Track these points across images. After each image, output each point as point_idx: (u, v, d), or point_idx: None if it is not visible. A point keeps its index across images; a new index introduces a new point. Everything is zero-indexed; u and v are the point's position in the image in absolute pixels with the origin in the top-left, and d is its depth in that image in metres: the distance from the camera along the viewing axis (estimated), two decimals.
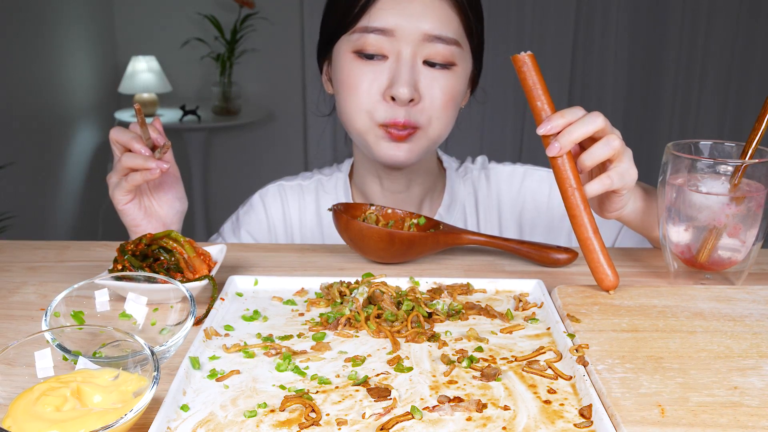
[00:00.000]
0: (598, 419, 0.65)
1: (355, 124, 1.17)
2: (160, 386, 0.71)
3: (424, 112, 1.15)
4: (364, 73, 1.14)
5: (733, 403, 0.67)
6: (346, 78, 1.16)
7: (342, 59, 1.17)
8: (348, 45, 1.15)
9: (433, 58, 1.14)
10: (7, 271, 1.05)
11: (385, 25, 1.12)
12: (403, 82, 1.11)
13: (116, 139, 1.07)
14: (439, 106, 1.15)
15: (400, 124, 1.13)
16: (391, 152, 1.16)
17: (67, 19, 3.66)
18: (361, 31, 1.13)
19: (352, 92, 1.15)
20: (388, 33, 1.12)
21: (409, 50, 1.12)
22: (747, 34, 4.18)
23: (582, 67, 4.27)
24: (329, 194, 1.36)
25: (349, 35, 1.15)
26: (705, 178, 0.93)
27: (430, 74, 1.14)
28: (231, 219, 1.38)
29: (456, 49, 1.14)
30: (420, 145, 1.17)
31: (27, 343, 0.68)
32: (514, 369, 0.75)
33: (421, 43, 1.12)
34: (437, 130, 1.18)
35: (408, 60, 1.12)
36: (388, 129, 1.15)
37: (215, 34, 4.01)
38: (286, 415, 0.66)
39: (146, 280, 0.83)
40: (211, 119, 4.02)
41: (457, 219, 1.34)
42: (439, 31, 1.12)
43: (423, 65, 1.14)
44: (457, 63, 1.16)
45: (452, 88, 1.16)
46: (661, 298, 0.91)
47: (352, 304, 0.87)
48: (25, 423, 0.60)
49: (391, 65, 1.13)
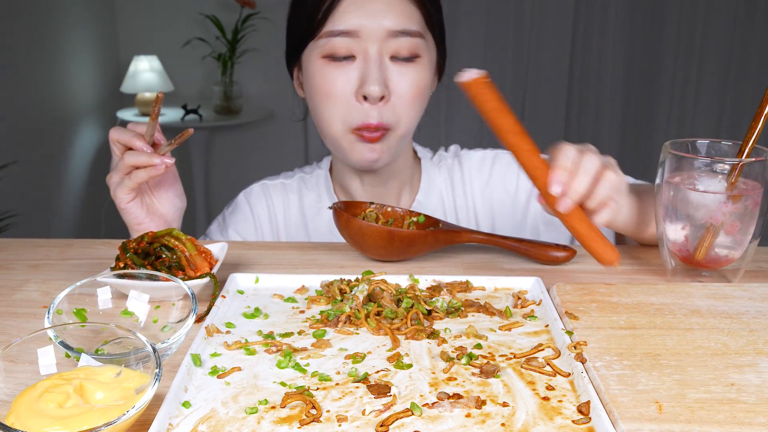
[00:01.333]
0: (596, 415, 0.65)
1: (330, 129, 1.21)
2: (162, 383, 0.71)
3: (394, 110, 1.18)
4: (335, 77, 1.17)
5: (730, 400, 0.68)
6: (319, 83, 1.18)
7: (312, 65, 1.19)
8: (317, 51, 1.18)
9: (399, 53, 1.16)
10: (10, 269, 1.05)
11: (349, 27, 1.14)
12: (373, 80, 1.14)
13: (117, 138, 1.08)
14: (408, 101, 1.18)
15: (373, 126, 1.17)
16: (366, 155, 1.20)
17: (70, 20, 3.67)
18: (327, 36, 1.16)
19: (326, 98, 1.18)
20: (353, 34, 1.14)
21: (375, 48, 1.15)
22: (744, 34, 4.19)
23: (580, 67, 4.27)
24: (311, 191, 1.38)
25: (316, 41, 1.17)
26: (702, 177, 0.93)
27: (398, 69, 1.17)
28: (217, 220, 1.41)
29: (420, 41, 1.17)
30: (391, 145, 1.21)
31: (30, 340, 0.68)
32: (513, 366, 0.75)
33: (386, 40, 1.15)
34: (406, 126, 1.21)
35: (375, 58, 1.15)
36: (361, 132, 1.18)
37: (217, 33, 4.02)
38: (286, 411, 0.67)
39: (148, 277, 0.83)
40: (212, 118, 4.03)
41: (436, 206, 1.36)
42: (402, 26, 1.15)
43: (390, 61, 1.17)
44: (422, 54, 1.19)
45: (419, 81, 1.19)
46: (659, 295, 0.91)
47: (353, 302, 0.87)
48: (27, 420, 0.60)
49: (359, 65, 1.16)
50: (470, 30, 4.18)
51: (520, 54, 4.26)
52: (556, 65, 4.25)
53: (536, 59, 4.26)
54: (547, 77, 4.28)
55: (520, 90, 4.30)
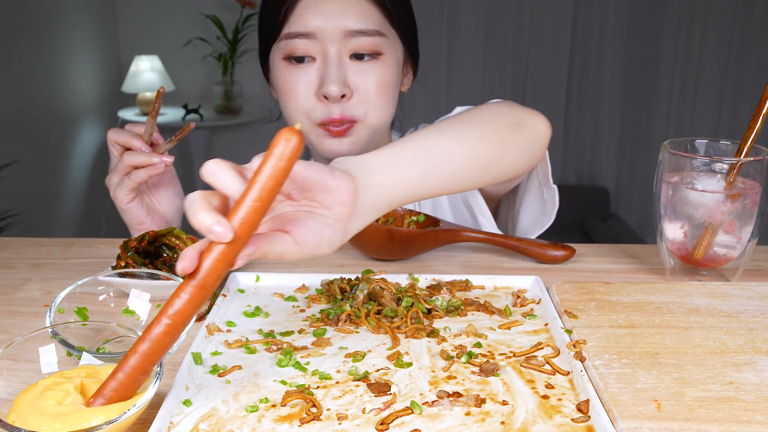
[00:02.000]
0: (595, 414, 0.65)
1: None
2: (163, 382, 0.71)
3: (359, 105, 1.17)
4: (296, 78, 1.17)
5: (729, 398, 0.68)
6: (282, 84, 1.19)
7: (276, 67, 1.20)
8: (278, 53, 1.19)
9: (359, 51, 1.16)
10: (12, 268, 1.05)
11: (306, 29, 1.14)
12: (332, 80, 1.14)
13: (115, 139, 1.08)
14: (374, 96, 1.18)
15: (337, 120, 1.16)
16: (335, 148, 1.19)
17: (71, 20, 3.68)
18: (286, 38, 1.16)
19: (289, 97, 1.19)
20: (311, 36, 1.15)
21: (334, 49, 1.15)
22: (742, 34, 4.20)
23: (579, 67, 4.29)
24: None
25: (278, 43, 1.18)
26: (701, 176, 0.94)
27: (359, 67, 1.17)
28: None
29: (380, 38, 1.17)
30: (361, 137, 1.20)
31: (31, 338, 0.69)
32: (513, 364, 0.76)
33: (344, 40, 1.15)
34: (376, 118, 1.20)
35: (334, 58, 1.15)
36: (327, 127, 1.18)
37: (217, 33, 4.03)
38: (287, 410, 0.67)
39: (149, 276, 0.84)
40: (213, 118, 4.05)
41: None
42: (359, 25, 1.15)
43: (350, 60, 1.16)
44: (384, 52, 1.18)
45: (383, 77, 1.18)
46: (658, 294, 0.91)
47: (353, 301, 0.88)
48: (29, 418, 0.60)
49: (319, 66, 1.16)
50: (470, 31, 4.18)
51: (519, 54, 4.27)
52: (556, 66, 4.26)
53: (535, 60, 4.27)
54: (547, 78, 4.29)
55: (519, 90, 4.31)
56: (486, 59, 4.25)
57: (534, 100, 4.30)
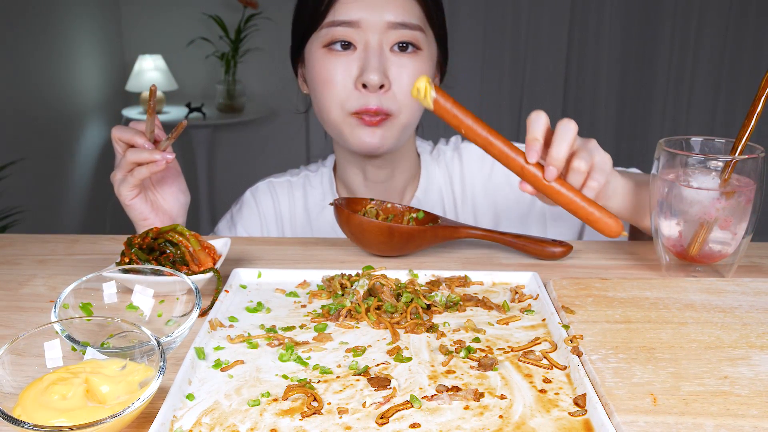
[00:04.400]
0: (592, 408, 0.66)
1: (330, 115, 1.21)
2: (166, 376, 0.72)
3: (395, 99, 1.18)
4: (335, 66, 1.18)
5: (724, 392, 0.68)
6: (319, 72, 1.20)
7: (314, 56, 1.21)
8: (318, 41, 1.19)
9: (400, 40, 1.17)
10: (17, 264, 1.06)
11: (350, 18, 1.16)
12: (373, 69, 1.15)
13: (119, 136, 1.08)
14: (408, 92, 1.18)
15: (372, 110, 1.17)
16: (366, 138, 1.20)
17: (76, 20, 3.68)
18: (328, 26, 1.17)
19: (326, 85, 1.19)
20: (354, 25, 1.16)
21: (376, 38, 1.16)
22: (737, 33, 4.22)
23: (576, 66, 4.30)
24: (315, 189, 1.39)
25: (318, 32, 1.19)
26: (696, 174, 0.95)
27: (398, 60, 1.18)
28: (225, 218, 1.41)
29: (420, 34, 1.19)
30: (392, 132, 1.21)
31: (37, 334, 0.69)
32: (511, 359, 0.76)
33: (386, 31, 1.16)
34: (407, 116, 1.21)
35: (375, 48, 1.16)
36: (361, 116, 1.18)
37: (220, 33, 4.05)
38: (288, 404, 0.68)
39: (153, 272, 0.84)
40: (215, 116, 4.06)
41: (435, 203, 1.36)
42: (402, 18, 1.16)
43: (390, 52, 1.18)
44: (422, 47, 1.20)
45: (420, 73, 1.19)
46: (653, 290, 0.92)
47: (353, 296, 0.88)
48: (34, 412, 0.60)
49: (360, 54, 1.17)
50: (468, 31, 4.19)
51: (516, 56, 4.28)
52: (552, 67, 4.29)
53: (533, 61, 4.29)
54: (544, 78, 4.31)
55: (517, 90, 4.32)
56: (484, 60, 4.26)
57: (531, 100, 4.32)
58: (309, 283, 0.97)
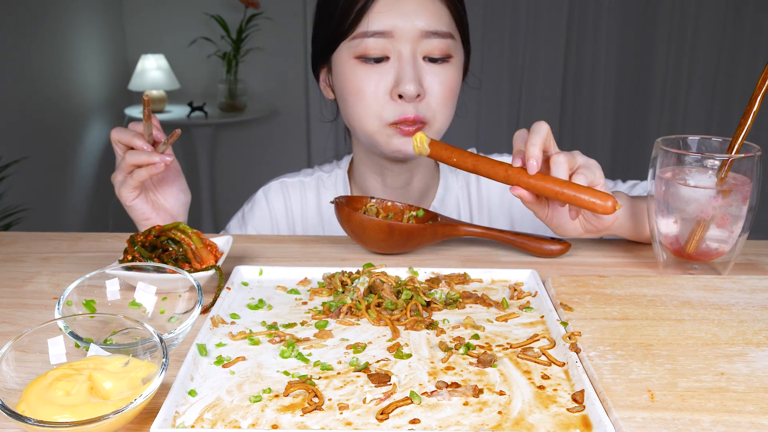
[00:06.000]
0: (590, 404, 0.66)
1: (366, 127, 1.20)
2: (169, 372, 0.73)
3: (429, 107, 1.18)
4: (369, 77, 1.17)
5: (720, 389, 0.69)
6: (351, 84, 1.18)
7: (344, 66, 1.19)
8: (349, 51, 1.18)
9: (432, 53, 1.17)
10: (21, 262, 1.06)
11: (383, 28, 1.14)
12: (409, 80, 1.14)
13: (118, 138, 1.09)
14: (441, 100, 1.18)
15: (410, 119, 1.17)
16: (402, 147, 1.20)
17: (79, 19, 3.69)
18: (360, 37, 1.16)
19: (359, 97, 1.18)
20: (387, 35, 1.15)
21: (409, 48, 1.15)
22: (733, 33, 4.23)
23: (574, 66, 4.31)
24: (329, 190, 1.38)
25: (349, 41, 1.17)
26: (693, 172, 0.95)
27: (431, 69, 1.17)
28: (237, 216, 1.40)
29: (451, 41, 1.18)
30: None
31: (40, 330, 0.69)
32: (509, 356, 0.77)
33: (418, 40, 1.15)
34: (440, 123, 1.21)
35: (409, 58, 1.15)
36: (399, 126, 1.18)
37: (222, 33, 4.07)
38: (289, 399, 0.68)
39: (155, 270, 0.85)
40: (217, 115, 4.08)
41: (451, 212, 1.36)
42: (434, 26, 1.15)
43: (423, 61, 1.17)
44: (453, 55, 1.19)
45: (451, 81, 1.19)
46: (651, 287, 0.92)
47: (354, 294, 0.89)
48: (38, 408, 0.61)
49: (394, 65, 1.16)
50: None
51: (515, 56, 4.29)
52: (551, 66, 4.29)
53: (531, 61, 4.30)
54: (542, 78, 4.32)
55: (516, 90, 4.33)
56: (483, 61, 4.26)
57: (530, 100, 4.33)
58: (310, 280, 0.98)
